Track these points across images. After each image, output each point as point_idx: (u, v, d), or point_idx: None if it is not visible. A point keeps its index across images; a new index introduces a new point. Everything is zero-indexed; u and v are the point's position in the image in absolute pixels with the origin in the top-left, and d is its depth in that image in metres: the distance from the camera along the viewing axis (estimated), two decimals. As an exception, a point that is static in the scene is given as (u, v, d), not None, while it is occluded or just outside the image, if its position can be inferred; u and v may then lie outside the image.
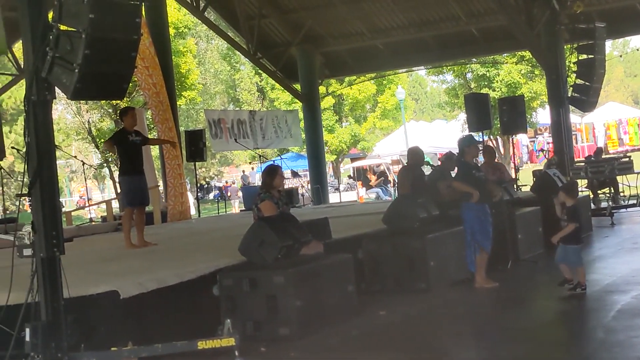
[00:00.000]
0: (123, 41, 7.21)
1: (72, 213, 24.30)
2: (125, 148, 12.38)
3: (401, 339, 8.84)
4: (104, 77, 7.23)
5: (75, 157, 32.64)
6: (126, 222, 12.84)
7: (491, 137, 37.35)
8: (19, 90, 40.91)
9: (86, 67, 6.87)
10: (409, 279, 11.38)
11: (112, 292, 8.26)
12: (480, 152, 14.50)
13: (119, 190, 15.43)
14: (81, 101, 33.25)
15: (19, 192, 8.28)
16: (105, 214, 22.29)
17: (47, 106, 7.62)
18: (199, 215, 23.60)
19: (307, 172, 31.03)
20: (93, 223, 20.96)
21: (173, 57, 26.06)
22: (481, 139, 20.85)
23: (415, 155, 13.43)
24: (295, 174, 32.53)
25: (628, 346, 7.61)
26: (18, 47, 24.13)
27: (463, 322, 9.67)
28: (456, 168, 12.24)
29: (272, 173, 10.66)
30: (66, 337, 7.54)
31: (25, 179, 7.84)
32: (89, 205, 27.67)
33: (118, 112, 31.18)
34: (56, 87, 7.48)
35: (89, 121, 36.91)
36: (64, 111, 43.38)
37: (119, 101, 27.33)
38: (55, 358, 7.39)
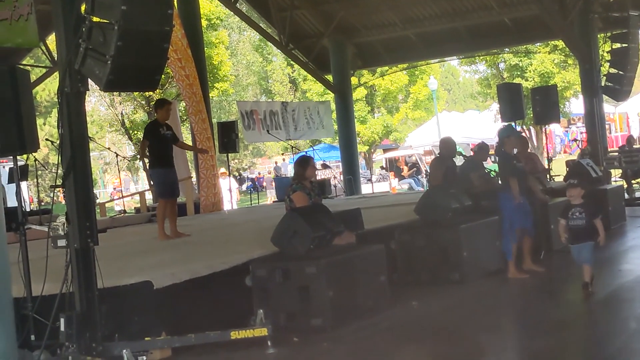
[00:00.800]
0: (155, 33, 7.24)
1: (106, 204, 24.47)
2: (156, 141, 12.45)
3: (434, 331, 8.83)
4: (137, 69, 7.27)
5: (108, 148, 32.84)
6: (160, 213, 12.96)
7: (524, 127, 37.09)
8: (53, 83, 41.30)
9: (119, 58, 6.91)
10: (442, 270, 11.34)
11: (146, 283, 8.31)
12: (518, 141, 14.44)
13: (151, 182, 15.49)
14: (114, 93, 33.44)
15: (53, 184, 8.34)
16: (139, 205, 22.42)
17: (80, 98, 7.68)
18: (232, 207, 23.67)
19: (340, 163, 31.02)
20: (126, 214, 21.09)
21: (205, 48, 26.10)
22: (520, 129, 20.74)
23: (447, 146, 13.38)
24: (325, 166, 32.51)
25: (662, 337, 7.56)
26: (51, 40, 24.28)
27: (497, 314, 9.64)
28: (497, 158, 12.25)
29: (304, 164, 10.67)
30: (100, 327, 7.61)
31: (59, 171, 7.92)
32: (123, 197, 27.83)
33: (152, 103, 31.36)
34: (89, 79, 7.54)
35: (122, 113, 37.08)
36: (97, 103, 43.64)
37: (151, 93, 27.46)
38: (89, 348, 7.46)
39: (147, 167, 13.16)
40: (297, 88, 48.10)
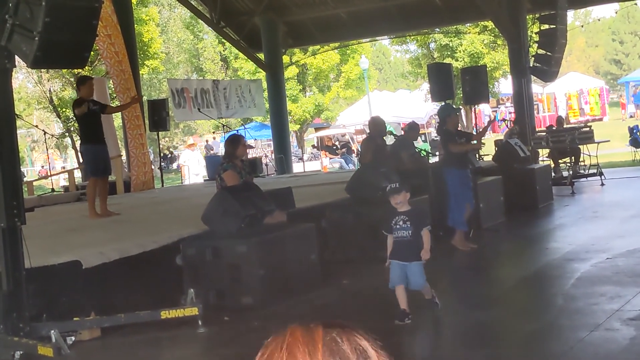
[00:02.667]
0: (84, 8, 7.14)
1: (34, 183, 24.09)
2: (85, 117, 12.20)
3: (365, 308, 8.90)
4: (65, 45, 7.16)
5: (36, 126, 32.35)
6: (91, 191, 12.75)
7: (461, 106, 37.45)
8: (-21, 59, 40.34)
9: (46, 35, 6.80)
10: (372, 248, 11.41)
11: (74, 262, 8.23)
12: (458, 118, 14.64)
13: (81, 160, 15.20)
14: (42, 70, 32.86)
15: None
16: (67, 183, 22.12)
17: (7, 75, 7.55)
18: (162, 185, 23.50)
19: (271, 142, 30.96)
20: (55, 193, 20.80)
21: (135, 25, 25.79)
22: (459, 107, 20.90)
23: (377, 125, 13.46)
24: (249, 146, 32.46)
25: (587, 313, 7.73)
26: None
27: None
28: (439, 136, 12.42)
29: (234, 143, 10.64)
30: (27, 307, 7.52)
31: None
32: (50, 175, 27.40)
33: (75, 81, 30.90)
34: (16, 56, 7.40)
35: (50, 90, 36.47)
36: (25, 80, 42.82)
37: (80, 70, 27.02)
38: (16, 328, 7.37)
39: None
40: (229, 66, 47.80)
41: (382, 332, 7.06)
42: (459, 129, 13.62)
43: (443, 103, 13.50)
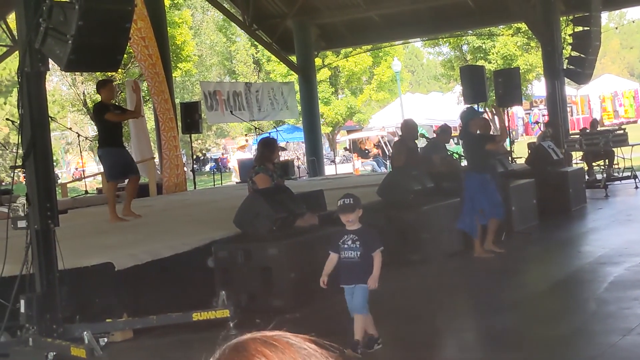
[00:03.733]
0: (117, 12, 7.19)
1: (68, 185, 24.29)
2: (105, 122, 12.20)
3: (395, 312, 8.88)
4: (98, 49, 7.22)
5: (70, 128, 32.54)
6: (110, 195, 12.69)
7: (486, 109, 37.28)
8: (14, 62, 40.74)
9: (80, 38, 6.85)
10: (403, 251, 11.40)
11: (107, 264, 8.28)
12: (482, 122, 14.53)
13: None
14: (76, 73, 33.12)
15: (14, 164, 8.26)
16: (100, 185, 22.28)
17: (41, 78, 7.61)
18: (195, 187, 23.60)
19: (303, 144, 30.98)
20: (88, 195, 20.95)
21: (168, 28, 25.94)
22: (482, 110, 20.83)
23: (409, 128, 13.43)
24: (281, 149, 32.51)
25: (619, 317, 7.66)
26: (12, 19, 24.00)
27: (456, 294, 9.72)
28: (463, 140, 12.28)
29: (266, 145, 10.66)
30: (61, 309, 7.57)
31: (19, 151, 7.85)
32: (84, 177, 27.63)
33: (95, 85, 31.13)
34: (50, 59, 7.46)
35: (84, 93, 36.77)
36: (59, 83, 43.22)
37: (114, 73, 27.20)
38: (50, 329, 7.42)
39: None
40: (261, 69, 47.93)
41: (411, 335, 7.04)
42: (491, 132, 13.55)
43: (465, 107, 13.42)
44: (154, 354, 8.01)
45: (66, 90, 41.96)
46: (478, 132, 12.10)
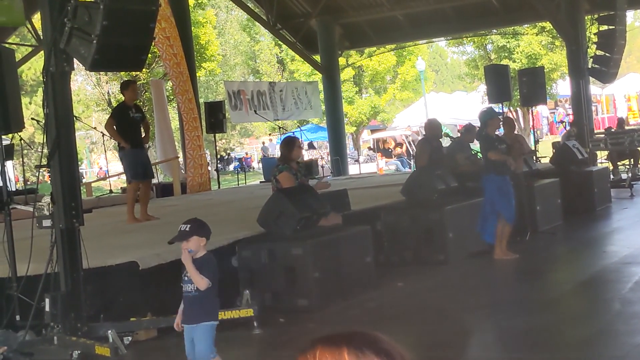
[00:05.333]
0: (141, 12, 7.22)
1: (92, 184, 24.42)
2: (125, 124, 12.20)
3: (419, 311, 8.86)
4: (122, 48, 7.25)
5: (95, 128, 32.72)
6: (131, 196, 12.72)
7: (511, 108, 37.12)
8: (39, 62, 41.00)
9: (104, 38, 6.88)
10: (427, 251, 11.38)
11: (131, 263, 8.31)
12: (500, 123, 14.46)
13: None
14: (101, 72, 33.28)
15: (39, 163, 8.32)
16: (125, 185, 22.39)
17: (66, 77, 7.65)
18: (219, 187, 23.66)
19: (327, 144, 30.98)
20: (113, 194, 21.06)
21: (192, 28, 26.01)
22: (501, 111, 20.76)
23: (432, 127, 13.39)
24: (311, 146, 32.59)
25: (645, 318, 7.62)
26: (37, 19, 24.10)
27: (481, 294, 9.68)
28: (479, 141, 12.16)
29: (289, 145, 10.65)
30: (85, 308, 7.62)
31: (44, 150, 7.89)
32: (108, 177, 27.74)
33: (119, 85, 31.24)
34: (74, 59, 7.51)
35: (108, 92, 36.97)
36: (84, 82, 43.48)
37: (138, 72, 27.32)
38: (74, 328, 7.46)
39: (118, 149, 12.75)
40: (285, 68, 47.97)
41: (435, 335, 7.03)
42: (507, 132, 13.48)
43: (485, 108, 13.34)
44: (178, 353, 8.01)
45: (91, 89, 42.22)
46: (496, 132, 12.02)
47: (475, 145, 12.94)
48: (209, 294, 6.25)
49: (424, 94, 44.28)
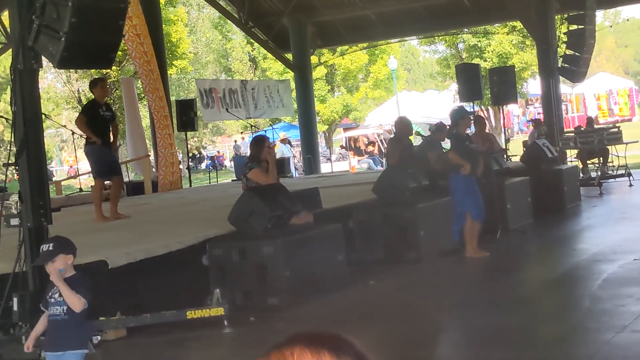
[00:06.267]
0: (110, 9, 7.17)
1: (62, 182, 24.25)
2: (95, 121, 12.01)
3: (391, 309, 8.87)
4: (91, 46, 7.20)
5: (64, 126, 32.50)
6: (96, 194, 12.58)
7: (482, 107, 37.29)
8: (8, 59, 40.69)
9: (72, 35, 6.83)
10: (399, 249, 11.40)
11: (101, 262, 8.25)
12: (471, 122, 14.50)
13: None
14: (71, 70, 33.07)
15: (7, 162, 8.25)
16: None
17: (34, 75, 7.59)
18: (190, 185, 23.56)
19: (299, 142, 30.96)
20: (82, 192, 20.92)
21: (164, 25, 25.88)
22: (472, 109, 20.83)
23: (403, 126, 13.38)
24: (286, 141, 32.58)
25: (614, 315, 7.66)
26: (6, 16, 23.93)
27: (453, 292, 9.70)
28: (449, 140, 12.19)
29: (259, 144, 10.59)
30: (54, 307, 7.54)
31: (13, 149, 7.82)
32: (78, 175, 27.57)
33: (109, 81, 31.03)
34: (43, 56, 7.44)
35: (78, 90, 36.73)
36: (54, 80, 43.18)
37: (108, 70, 27.17)
38: (43, 327, 7.39)
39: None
40: (257, 66, 47.87)
41: (407, 333, 7.03)
42: (478, 131, 13.52)
43: (456, 107, 13.37)
44: (147, 352, 7.99)
45: (61, 87, 41.94)
46: (467, 131, 12.05)
47: (447, 144, 12.96)
48: (80, 317, 5.64)
49: (396, 93, 44.41)
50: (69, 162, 42.34)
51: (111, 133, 12.47)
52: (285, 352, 1.66)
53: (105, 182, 12.95)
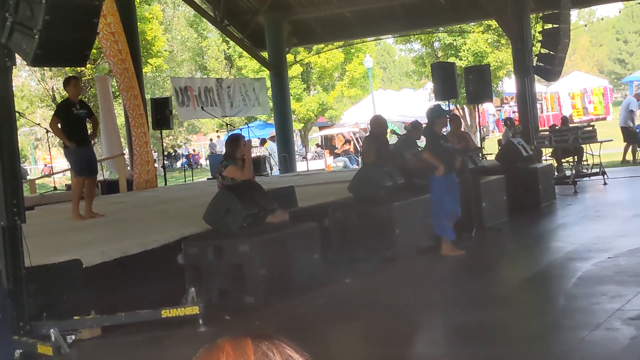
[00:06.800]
0: (84, 6, 7.12)
1: (37, 181, 24.09)
2: (69, 120, 12.01)
3: (368, 308, 8.87)
4: (65, 44, 7.14)
5: (39, 124, 32.31)
6: (76, 192, 12.54)
7: (457, 105, 37.40)
8: (-18, 57, 40.37)
9: (46, 33, 6.77)
10: (375, 248, 11.40)
11: (75, 261, 8.20)
12: (447, 121, 14.52)
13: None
14: (45, 68, 32.87)
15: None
16: (70, 182, 22.12)
17: (7, 73, 7.52)
18: (166, 184, 23.48)
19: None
20: (57, 191, 20.79)
21: (139, 23, 25.78)
22: (448, 108, 20.89)
23: (378, 124, 13.38)
24: (263, 141, 32.53)
25: (588, 312, 7.70)
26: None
27: (429, 289, 9.72)
28: (425, 138, 12.21)
29: (233, 143, 10.55)
30: (28, 306, 7.50)
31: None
32: (52, 174, 27.42)
33: (83, 78, 30.89)
34: (17, 54, 7.38)
35: (53, 88, 36.52)
36: (28, 78, 42.87)
37: (83, 68, 27.04)
38: (17, 327, 7.35)
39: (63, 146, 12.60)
40: (233, 65, 47.78)
41: (384, 331, 7.03)
42: (462, 129, 13.53)
43: (432, 105, 13.39)
44: (122, 351, 7.95)
45: (35, 85, 41.67)
46: (443, 130, 12.07)
47: (422, 142, 12.98)
48: None
49: (372, 91, 44.43)
50: (46, 160, 42.07)
51: (91, 127, 12.46)
52: (212, 353, 1.66)
53: None
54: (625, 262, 9.90)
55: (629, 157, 23.95)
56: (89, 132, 12.58)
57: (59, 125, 12.10)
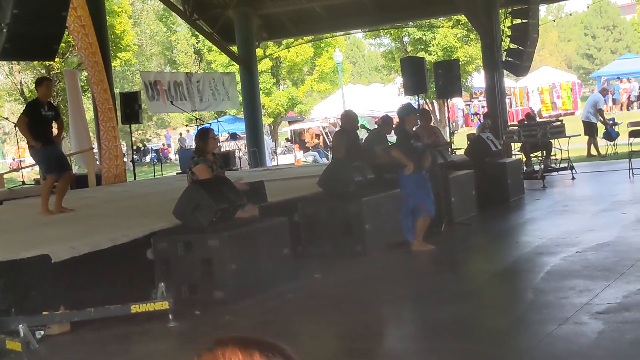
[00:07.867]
0: (53, 1, 7.08)
1: (5, 176, 23.91)
2: (36, 121, 11.92)
3: (337, 303, 8.89)
4: (34, 38, 7.11)
5: (7, 118, 32.08)
6: (46, 189, 12.46)
7: (427, 100, 37.52)
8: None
9: (15, 27, 6.74)
10: (344, 243, 11.42)
11: (44, 256, 8.16)
12: (418, 119, 14.56)
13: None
14: (13, 62, 32.60)
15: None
16: (38, 176, 21.97)
17: (-25, 67, 7.47)
18: (135, 178, 23.38)
19: (244, 135, 30.89)
20: (25, 186, 20.65)
21: (107, 17, 25.64)
22: (417, 102, 20.96)
23: (349, 119, 13.42)
24: (234, 137, 32.45)
25: (556, 307, 7.76)
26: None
27: (399, 285, 9.75)
28: (396, 136, 12.22)
29: (204, 137, 10.54)
30: (-4, 302, 7.46)
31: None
32: (21, 168, 27.23)
33: (52, 72, 30.69)
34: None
35: (21, 82, 36.24)
36: (-4, 72, 42.51)
37: (52, 62, 26.85)
38: (-15, 323, 7.30)
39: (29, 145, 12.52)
40: (202, 59, 47.63)
41: (354, 326, 7.07)
42: (424, 124, 13.56)
43: (403, 103, 13.43)
44: (92, 346, 7.92)
45: (3, 79, 41.32)
46: (414, 128, 12.10)
47: (393, 137, 13.01)
48: None
49: (342, 86, 44.47)
50: (18, 154, 41.74)
51: (55, 128, 12.39)
52: (217, 352, 1.66)
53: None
54: (593, 256, 9.99)
55: (594, 151, 24.16)
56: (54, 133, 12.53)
57: (27, 125, 12.01)
